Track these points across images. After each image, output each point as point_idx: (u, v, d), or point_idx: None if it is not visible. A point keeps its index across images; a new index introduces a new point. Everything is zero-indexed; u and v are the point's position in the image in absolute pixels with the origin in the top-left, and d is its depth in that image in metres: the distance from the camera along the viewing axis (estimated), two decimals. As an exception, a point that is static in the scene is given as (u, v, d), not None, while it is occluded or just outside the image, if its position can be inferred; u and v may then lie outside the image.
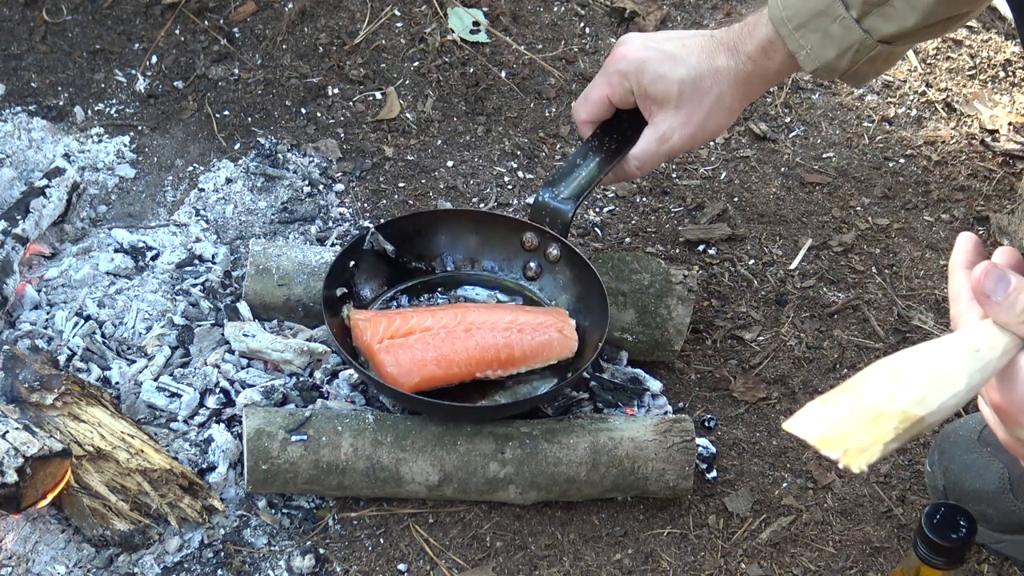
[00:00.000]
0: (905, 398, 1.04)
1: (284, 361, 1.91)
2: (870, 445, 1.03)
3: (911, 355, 1.08)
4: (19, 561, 1.70)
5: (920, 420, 1.04)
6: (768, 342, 2.08)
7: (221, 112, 2.33)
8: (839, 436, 1.04)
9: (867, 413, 1.04)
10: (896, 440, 1.03)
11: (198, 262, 2.05)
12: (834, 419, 1.05)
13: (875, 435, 1.03)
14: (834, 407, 1.06)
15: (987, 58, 2.56)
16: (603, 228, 2.21)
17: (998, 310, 1.07)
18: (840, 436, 1.04)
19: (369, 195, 2.23)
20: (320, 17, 2.43)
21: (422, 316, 1.86)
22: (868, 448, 1.03)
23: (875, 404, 1.04)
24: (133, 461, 1.72)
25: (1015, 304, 1.06)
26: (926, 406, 1.04)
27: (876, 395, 1.05)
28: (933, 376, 1.06)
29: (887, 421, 1.04)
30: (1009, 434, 1.10)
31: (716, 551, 1.82)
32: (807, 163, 2.36)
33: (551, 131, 2.36)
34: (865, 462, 1.02)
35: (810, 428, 1.06)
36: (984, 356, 1.06)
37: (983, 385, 1.08)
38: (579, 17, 2.55)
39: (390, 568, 1.77)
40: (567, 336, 1.89)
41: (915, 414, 1.04)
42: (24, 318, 1.94)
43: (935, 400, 1.04)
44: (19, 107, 2.31)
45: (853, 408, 1.05)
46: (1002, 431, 1.12)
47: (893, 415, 1.04)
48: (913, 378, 1.06)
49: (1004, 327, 1.07)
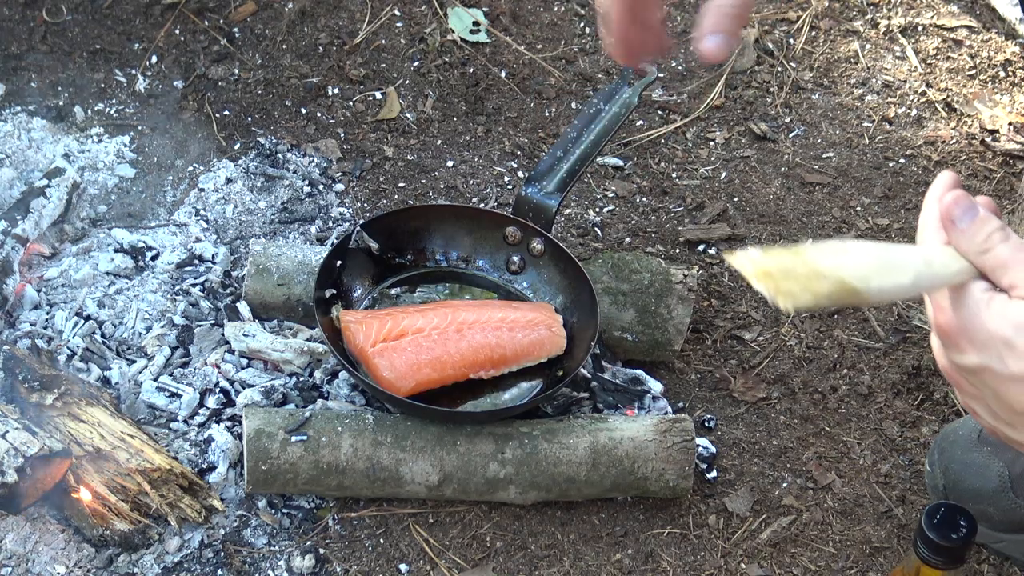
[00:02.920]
0: (849, 271, 1.09)
1: (284, 361, 1.91)
2: (802, 293, 1.09)
3: (867, 244, 1.12)
4: (19, 561, 1.70)
5: (856, 292, 1.09)
6: (768, 342, 2.08)
7: (221, 112, 2.33)
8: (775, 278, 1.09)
9: (808, 272, 1.09)
10: (827, 299, 1.09)
11: (198, 262, 2.05)
12: (776, 265, 1.10)
13: (809, 288, 1.09)
14: (779, 258, 1.11)
15: (987, 58, 2.56)
16: (603, 228, 2.21)
17: (960, 237, 1.10)
18: (776, 278, 1.09)
19: (369, 195, 2.23)
20: (320, 17, 2.43)
21: (412, 317, 1.87)
22: (799, 295, 1.08)
23: (818, 268, 1.09)
24: (133, 461, 1.72)
25: (977, 234, 1.09)
26: (866, 283, 1.09)
27: (821, 262, 1.10)
28: (882, 264, 1.10)
29: (824, 283, 1.09)
30: (948, 359, 1.13)
31: (716, 551, 1.82)
32: (807, 163, 2.36)
33: (551, 131, 2.36)
34: (793, 304, 1.08)
35: (750, 265, 1.11)
36: (936, 270, 1.10)
37: (926, 291, 1.12)
38: (579, 17, 2.54)
39: (390, 568, 1.77)
40: (556, 333, 1.90)
41: (853, 286, 1.09)
42: (24, 318, 1.94)
43: (877, 282, 1.09)
44: (19, 107, 2.30)
45: (796, 265, 1.10)
46: (943, 356, 1.14)
47: (832, 280, 1.09)
48: (862, 260, 1.10)
49: (963, 255, 1.10)
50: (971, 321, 1.08)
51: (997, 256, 1.08)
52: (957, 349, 1.10)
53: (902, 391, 2.02)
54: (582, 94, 2.42)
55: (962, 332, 1.09)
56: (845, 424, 1.98)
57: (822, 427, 1.98)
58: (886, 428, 1.98)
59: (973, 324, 1.08)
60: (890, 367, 2.04)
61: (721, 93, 2.44)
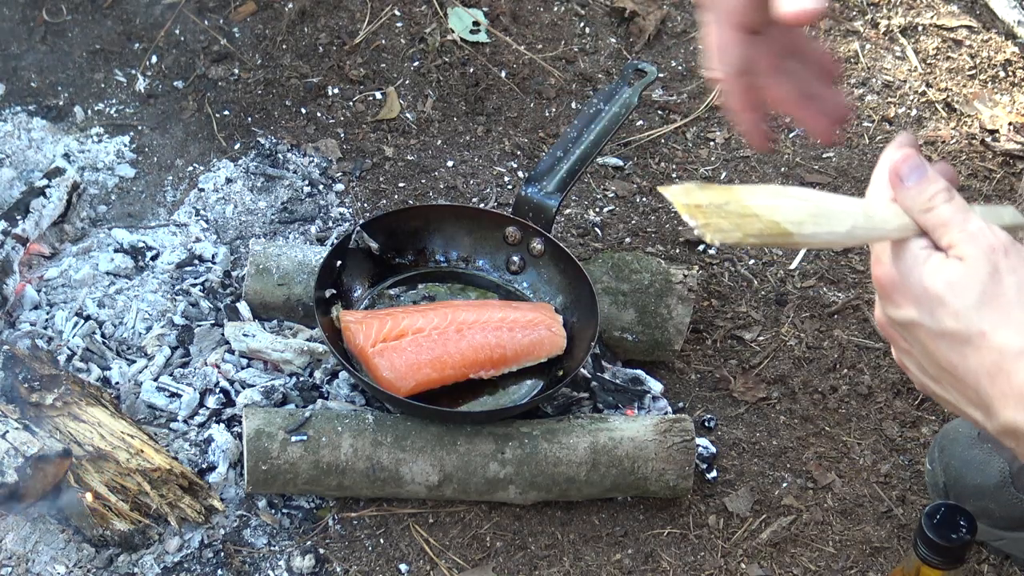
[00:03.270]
0: (783, 215, 1.10)
1: (284, 361, 1.91)
2: (732, 231, 1.09)
3: (808, 191, 1.13)
4: (19, 561, 1.70)
5: (788, 235, 1.10)
6: (768, 342, 2.08)
7: (221, 112, 2.33)
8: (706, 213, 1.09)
9: (742, 211, 1.09)
10: (757, 238, 1.09)
11: (198, 262, 2.05)
12: (709, 200, 1.09)
13: (739, 225, 1.09)
14: (713, 193, 1.10)
15: (987, 58, 2.56)
16: (603, 228, 2.21)
17: (905, 194, 1.12)
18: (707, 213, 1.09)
19: (369, 195, 2.23)
20: (320, 17, 2.43)
21: (412, 317, 1.87)
22: (728, 232, 1.08)
23: (752, 207, 1.10)
24: (133, 461, 1.72)
25: (922, 193, 1.11)
26: (800, 228, 1.10)
27: (756, 202, 1.10)
28: (820, 212, 1.11)
29: (756, 222, 1.09)
30: (883, 311, 1.15)
31: (716, 551, 1.82)
32: (807, 163, 2.36)
33: (551, 131, 2.36)
34: (720, 240, 1.08)
35: (682, 197, 1.10)
36: (875, 223, 1.12)
37: (862, 242, 1.13)
38: (579, 17, 2.54)
39: (390, 568, 1.77)
40: (556, 333, 1.90)
41: (786, 229, 1.09)
42: (24, 318, 1.94)
43: (811, 228, 1.10)
44: (19, 107, 2.30)
45: (730, 201, 1.10)
46: (879, 309, 1.16)
47: (765, 220, 1.09)
48: (799, 205, 1.11)
49: (907, 212, 1.12)
50: (907, 276, 1.11)
51: (939, 215, 1.10)
52: (892, 303, 1.13)
53: (902, 391, 2.02)
54: (582, 94, 2.42)
55: (897, 286, 1.12)
56: (845, 424, 1.98)
57: (822, 427, 1.98)
58: (886, 428, 1.98)
59: (909, 279, 1.11)
60: (890, 367, 2.04)
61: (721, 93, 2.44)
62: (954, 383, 1.12)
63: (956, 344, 1.09)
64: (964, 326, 1.08)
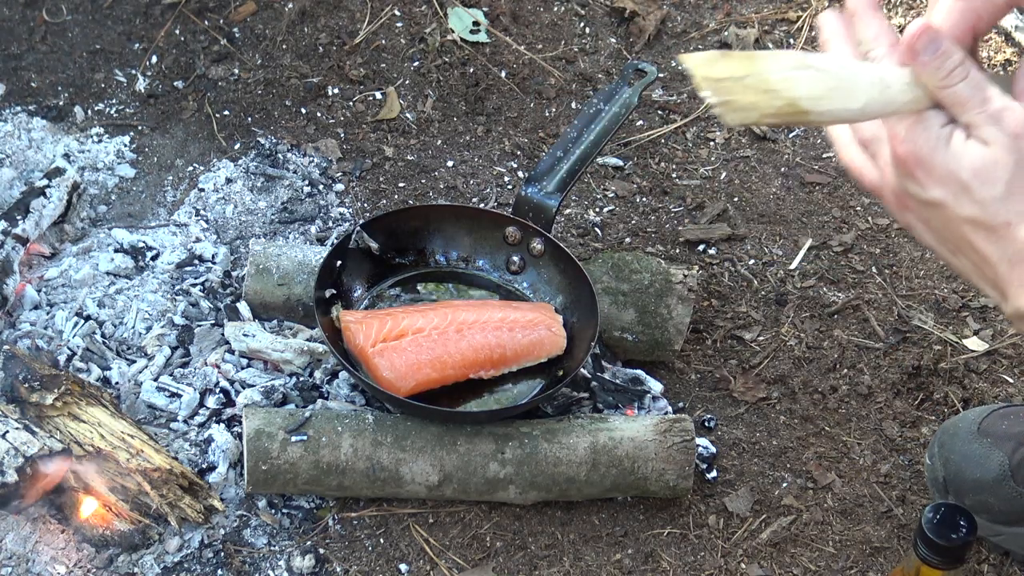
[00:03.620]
0: (801, 90, 1.10)
1: (284, 361, 1.91)
2: (750, 110, 1.09)
3: (826, 58, 1.12)
4: (19, 561, 1.70)
5: (804, 113, 1.10)
6: (768, 342, 2.08)
7: (221, 112, 2.33)
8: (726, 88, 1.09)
9: (760, 85, 1.09)
10: (774, 117, 1.10)
11: (198, 262, 2.05)
12: (729, 72, 1.09)
13: (756, 104, 1.09)
14: (735, 63, 1.10)
15: (987, 58, 2.56)
16: (603, 228, 2.21)
17: (923, 68, 1.12)
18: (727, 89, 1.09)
19: (369, 195, 2.23)
20: (320, 17, 2.43)
21: (412, 317, 1.87)
22: (746, 111, 1.09)
23: (771, 81, 1.09)
24: (133, 461, 1.72)
25: (940, 68, 1.11)
26: (816, 105, 1.10)
27: (776, 74, 1.10)
28: (836, 85, 1.10)
29: (773, 100, 1.09)
30: (900, 185, 1.17)
31: (716, 551, 1.82)
32: (807, 163, 2.36)
33: (551, 131, 2.36)
34: (738, 121, 1.09)
35: (703, 68, 1.10)
36: (891, 95, 1.11)
37: (875, 117, 1.13)
38: (579, 17, 2.54)
39: (390, 568, 1.77)
40: (556, 333, 1.90)
41: (803, 107, 1.10)
42: (24, 318, 1.94)
43: (827, 105, 1.10)
44: (19, 107, 2.30)
45: (751, 74, 1.10)
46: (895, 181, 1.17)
47: (783, 97, 1.09)
48: (817, 78, 1.10)
49: (923, 85, 1.12)
50: (930, 156, 1.12)
51: (957, 93, 1.11)
52: (914, 180, 1.14)
53: (902, 391, 2.02)
54: (582, 94, 2.42)
55: (919, 164, 1.13)
56: (845, 424, 1.98)
57: (822, 427, 1.98)
58: (886, 428, 1.98)
59: (932, 159, 1.12)
60: (890, 367, 2.05)
61: (721, 93, 2.44)
62: (973, 259, 1.15)
63: (980, 230, 1.12)
64: (990, 215, 1.11)
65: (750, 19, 2.56)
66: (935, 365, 2.03)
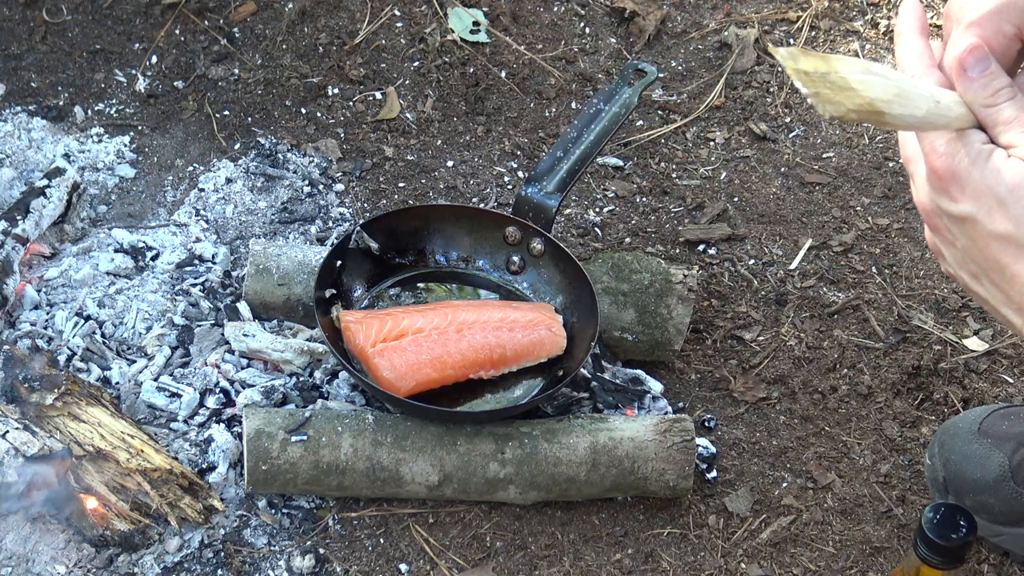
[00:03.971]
0: (875, 92, 1.12)
1: (284, 361, 1.91)
2: (837, 104, 1.11)
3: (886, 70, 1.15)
4: (19, 561, 1.70)
5: (880, 114, 1.12)
6: (768, 342, 2.08)
7: (221, 112, 2.33)
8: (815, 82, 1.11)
9: (842, 82, 1.12)
10: (854, 114, 1.12)
11: (198, 262, 2.05)
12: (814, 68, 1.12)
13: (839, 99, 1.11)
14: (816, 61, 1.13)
15: None
16: (603, 228, 2.21)
17: (969, 86, 1.13)
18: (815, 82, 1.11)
19: (369, 195, 2.23)
20: (320, 17, 2.43)
21: (413, 317, 1.87)
22: (835, 104, 1.11)
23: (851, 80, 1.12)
24: (133, 461, 1.72)
25: (986, 87, 1.12)
26: (889, 108, 1.12)
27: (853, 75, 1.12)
28: (902, 91, 1.13)
29: (854, 97, 1.11)
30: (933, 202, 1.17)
31: (716, 551, 1.82)
32: (807, 163, 2.36)
33: (551, 131, 2.36)
34: (830, 112, 1.11)
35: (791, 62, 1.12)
36: (943, 110, 1.13)
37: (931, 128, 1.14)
38: (579, 17, 2.54)
39: (390, 568, 1.77)
40: (556, 333, 1.90)
41: (879, 108, 1.12)
42: (24, 318, 1.94)
43: (898, 108, 1.12)
44: (19, 107, 2.31)
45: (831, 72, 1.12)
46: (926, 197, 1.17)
47: (862, 97, 1.11)
48: (885, 84, 1.13)
49: (968, 104, 1.13)
50: (968, 171, 1.12)
51: (1001, 113, 1.11)
52: (947, 195, 1.14)
53: (902, 391, 2.02)
54: (582, 94, 2.42)
55: (955, 179, 1.13)
56: (845, 424, 1.98)
57: (822, 427, 1.98)
58: (886, 428, 1.98)
59: (970, 174, 1.12)
60: (890, 367, 2.05)
61: (721, 93, 2.44)
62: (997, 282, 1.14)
63: (1009, 247, 1.11)
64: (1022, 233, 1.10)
65: (750, 19, 2.56)
66: (935, 365, 2.03)
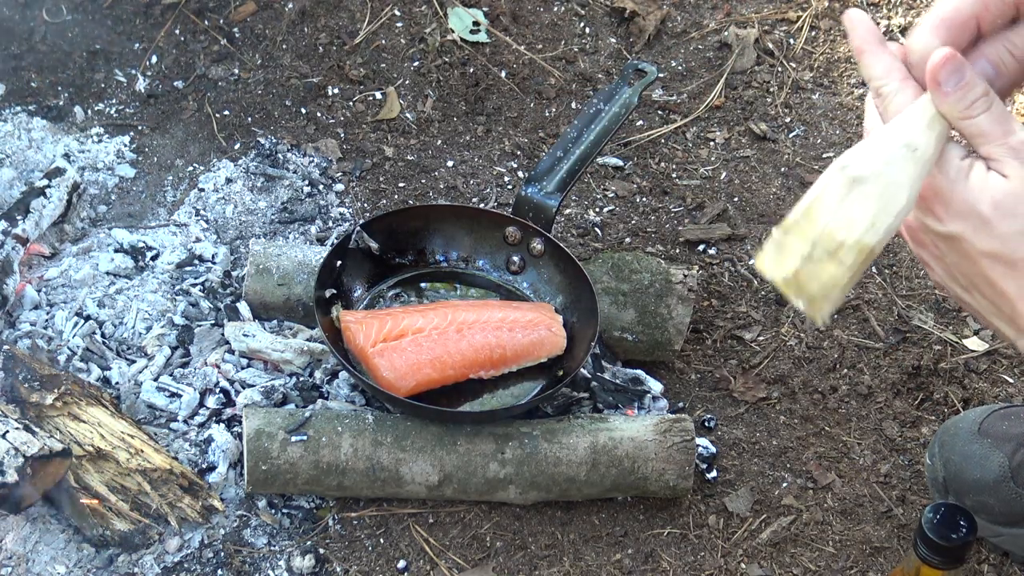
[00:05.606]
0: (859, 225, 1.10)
1: (284, 361, 1.91)
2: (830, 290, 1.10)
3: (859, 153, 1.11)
4: (19, 561, 1.70)
5: (871, 250, 1.10)
6: (768, 342, 2.08)
7: (221, 112, 2.33)
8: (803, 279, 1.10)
9: (827, 245, 1.10)
10: (852, 277, 1.10)
11: (198, 262, 2.05)
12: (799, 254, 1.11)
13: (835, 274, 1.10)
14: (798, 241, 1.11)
15: None
16: (603, 228, 2.21)
17: (944, 100, 1.10)
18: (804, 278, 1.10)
19: (369, 195, 2.23)
20: (320, 17, 2.43)
21: (412, 317, 1.87)
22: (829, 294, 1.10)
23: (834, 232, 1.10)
24: (133, 461, 1.72)
25: (963, 99, 1.09)
26: (875, 232, 1.10)
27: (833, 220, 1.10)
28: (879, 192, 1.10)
29: (845, 256, 1.10)
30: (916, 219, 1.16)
31: (716, 551, 1.82)
32: (807, 163, 2.36)
33: (551, 131, 2.36)
34: (829, 313, 1.10)
35: (776, 268, 1.11)
36: (921, 156, 1.10)
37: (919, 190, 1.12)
38: (579, 17, 2.54)
39: (390, 568, 1.77)
40: (556, 333, 1.90)
41: (867, 243, 1.10)
42: (24, 318, 1.94)
43: (883, 224, 1.10)
44: (19, 107, 2.30)
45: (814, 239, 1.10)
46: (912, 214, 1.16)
47: (850, 247, 1.10)
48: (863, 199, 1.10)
49: (944, 115, 1.10)
50: (949, 190, 1.10)
51: (978, 125, 1.09)
52: (933, 215, 1.12)
53: (902, 391, 2.02)
54: (582, 94, 2.42)
55: (938, 198, 1.11)
56: (845, 424, 1.98)
57: (822, 427, 1.98)
58: (886, 428, 1.98)
59: (952, 193, 1.10)
60: (890, 367, 2.05)
61: (721, 93, 2.44)
62: (988, 294, 1.13)
63: (998, 265, 1.10)
64: (1009, 250, 1.09)
65: (750, 19, 2.56)
66: (935, 365, 2.03)
